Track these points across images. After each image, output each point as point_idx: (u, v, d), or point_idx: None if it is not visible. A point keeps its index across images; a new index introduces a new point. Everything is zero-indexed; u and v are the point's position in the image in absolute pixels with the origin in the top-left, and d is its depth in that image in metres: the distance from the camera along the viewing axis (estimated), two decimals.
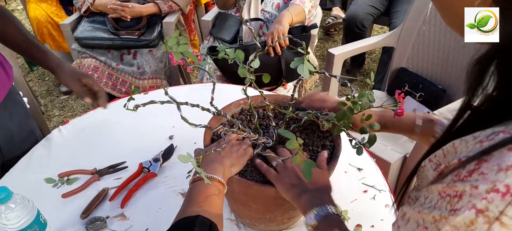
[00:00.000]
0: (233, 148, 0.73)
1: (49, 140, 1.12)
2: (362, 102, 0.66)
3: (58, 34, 2.39)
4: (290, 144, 0.53)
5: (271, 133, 0.79)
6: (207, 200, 0.61)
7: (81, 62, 1.92)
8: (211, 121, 0.83)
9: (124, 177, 0.99)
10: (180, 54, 0.65)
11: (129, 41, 1.93)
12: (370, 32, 2.70)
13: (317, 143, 0.80)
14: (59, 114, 2.53)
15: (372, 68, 2.91)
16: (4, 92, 1.02)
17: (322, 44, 3.31)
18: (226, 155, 0.70)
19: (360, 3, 2.51)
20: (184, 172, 0.99)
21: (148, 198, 0.94)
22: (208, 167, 0.67)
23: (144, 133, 1.15)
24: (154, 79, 2.00)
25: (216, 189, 0.64)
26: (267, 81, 0.74)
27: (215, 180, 0.64)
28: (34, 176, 1.00)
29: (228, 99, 0.92)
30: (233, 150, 0.72)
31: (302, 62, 0.65)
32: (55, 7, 2.43)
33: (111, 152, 1.08)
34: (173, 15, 2.05)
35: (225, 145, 0.70)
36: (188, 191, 0.65)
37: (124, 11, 1.91)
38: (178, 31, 0.70)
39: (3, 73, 1.02)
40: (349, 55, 1.83)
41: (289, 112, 0.76)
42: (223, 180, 0.65)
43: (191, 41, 2.55)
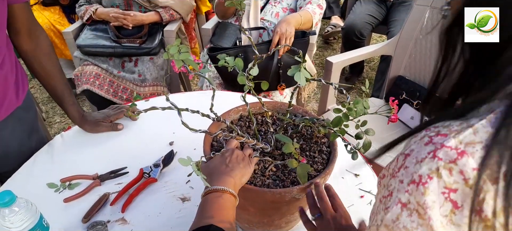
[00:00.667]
0: (238, 158, 0.73)
1: (51, 145, 1.14)
2: (357, 109, 0.68)
3: (61, 42, 2.42)
4: (286, 148, 0.55)
5: (269, 139, 0.81)
6: (220, 211, 0.62)
7: (83, 69, 1.94)
8: (210, 126, 0.85)
9: (125, 182, 1.00)
10: (181, 62, 0.67)
11: (130, 49, 1.96)
12: (368, 41, 2.73)
13: (314, 148, 0.82)
14: (60, 121, 2.55)
15: (371, 76, 2.94)
16: (8, 111, 1.03)
17: (321, 53, 3.34)
18: (234, 166, 0.71)
19: (358, 12, 2.54)
20: (184, 177, 1.01)
21: (149, 203, 0.96)
22: (219, 180, 0.67)
23: (145, 139, 1.17)
24: (155, 86, 2.02)
25: (228, 201, 0.65)
26: (265, 88, 0.77)
27: (227, 193, 0.65)
28: (37, 180, 1.01)
29: (227, 106, 0.94)
30: (239, 160, 0.73)
31: (299, 70, 0.68)
32: (57, 15, 2.47)
33: (112, 158, 1.09)
34: (174, 23, 2.08)
35: (228, 156, 0.70)
36: (200, 204, 0.66)
37: (126, 19, 1.94)
38: (179, 39, 0.73)
39: (14, 96, 1.04)
40: (347, 63, 1.86)
41: (287, 118, 0.78)
42: (235, 193, 0.66)
43: (192, 49, 2.58)
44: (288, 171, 0.77)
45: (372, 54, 1.89)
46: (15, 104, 1.05)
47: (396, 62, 1.83)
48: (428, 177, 0.38)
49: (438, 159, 0.37)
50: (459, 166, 0.36)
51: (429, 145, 0.39)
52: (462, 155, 0.36)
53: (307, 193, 0.71)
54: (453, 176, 0.37)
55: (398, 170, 0.41)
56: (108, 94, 1.92)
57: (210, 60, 1.67)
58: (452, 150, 0.37)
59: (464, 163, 0.36)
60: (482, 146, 0.36)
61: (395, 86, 1.82)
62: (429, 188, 0.37)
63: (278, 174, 0.77)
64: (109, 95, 1.92)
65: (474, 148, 0.37)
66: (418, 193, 0.38)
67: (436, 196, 0.37)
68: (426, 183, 0.37)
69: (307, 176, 0.54)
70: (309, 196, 0.72)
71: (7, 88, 1.01)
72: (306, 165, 0.54)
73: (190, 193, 0.98)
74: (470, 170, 0.36)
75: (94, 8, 1.99)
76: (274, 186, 0.74)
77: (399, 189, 0.40)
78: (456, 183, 0.36)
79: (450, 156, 0.37)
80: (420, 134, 0.42)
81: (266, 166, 0.78)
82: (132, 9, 2.02)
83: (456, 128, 0.39)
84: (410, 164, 0.40)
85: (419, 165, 0.38)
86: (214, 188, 0.65)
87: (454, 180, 0.37)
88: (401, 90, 1.77)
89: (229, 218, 0.62)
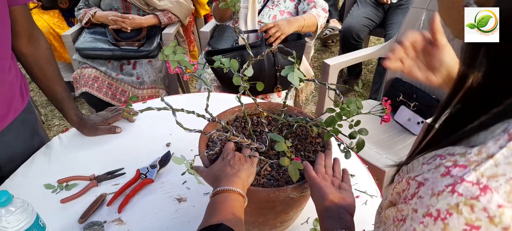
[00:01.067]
0: (241, 159, 0.74)
1: (49, 147, 1.15)
2: (350, 109, 0.68)
3: (60, 45, 2.43)
4: (278, 146, 0.56)
5: (264, 139, 0.82)
6: (229, 211, 0.63)
7: (82, 72, 1.95)
8: (206, 127, 0.85)
9: (122, 183, 1.01)
10: (176, 63, 0.68)
11: (129, 51, 1.97)
12: (366, 44, 2.75)
13: (309, 148, 0.82)
14: (59, 124, 2.56)
15: (369, 79, 2.95)
16: (14, 115, 1.04)
17: (319, 55, 3.35)
18: (240, 168, 0.71)
19: (355, 15, 2.56)
20: (180, 178, 1.02)
21: (145, 203, 0.96)
22: (228, 181, 0.68)
23: (142, 140, 1.18)
24: (153, 88, 2.03)
25: (237, 201, 0.65)
26: (260, 89, 0.77)
27: (236, 193, 0.66)
28: (34, 181, 1.02)
29: (224, 107, 0.94)
30: (242, 161, 0.73)
31: (292, 70, 0.68)
32: (57, 19, 2.48)
33: (109, 159, 1.10)
34: (173, 26, 2.09)
35: (231, 158, 0.71)
36: (208, 205, 0.66)
37: (124, 22, 1.96)
38: (175, 41, 0.74)
39: (19, 98, 1.05)
40: (344, 65, 1.87)
41: (282, 118, 0.79)
42: (243, 193, 0.67)
43: (191, 52, 2.59)
44: (282, 171, 0.78)
45: (369, 56, 1.90)
46: (21, 107, 1.07)
47: None
48: (447, 213, 0.35)
49: (458, 194, 0.35)
50: (482, 203, 0.34)
51: (446, 177, 0.36)
52: (485, 191, 0.34)
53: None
54: (475, 213, 0.34)
55: (411, 198, 0.39)
56: (107, 97, 1.93)
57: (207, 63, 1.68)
58: (473, 185, 0.34)
59: (489, 200, 0.34)
60: (505, 178, 0.34)
61: (392, 89, 1.83)
62: (449, 224, 0.35)
63: (272, 174, 0.77)
64: (108, 98, 1.93)
65: (498, 182, 0.34)
66: (436, 228, 0.36)
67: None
68: (445, 219, 0.35)
69: (298, 173, 0.55)
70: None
71: (14, 93, 1.03)
72: (297, 163, 0.55)
73: (186, 194, 0.98)
74: (495, 207, 0.33)
75: (93, 11, 2.01)
76: (268, 186, 0.74)
77: (413, 218, 0.38)
78: (478, 220, 0.34)
79: (472, 192, 0.34)
80: (433, 160, 0.40)
81: (261, 165, 0.79)
82: (131, 12, 2.03)
83: (475, 157, 0.36)
84: (425, 194, 0.37)
85: (436, 198, 0.36)
86: (224, 188, 0.66)
87: (477, 217, 0.34)
88: (398, 92, 1.78)
89: (239, 218, 0.63)
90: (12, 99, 1.02)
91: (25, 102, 1.08)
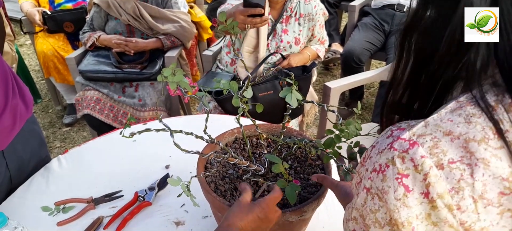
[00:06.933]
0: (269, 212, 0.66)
1: (47, 169, 1.14)
2: (349, 130, 0.68)
3: (64, 68, 2.46)
4: (275, 167, 0.55)
5: (263, 161, 0.81)
6: None
7: (84, 94, 1.97)
8: (204, 148, 0.85)
9: (119, 206, 1.00)
10: (175, 84, 0.68)
11: (131, 74, 1.99)
12: (368, 67, 2.76)
13: (308, 171, 0.81)
14: (61, 146, 2.56)
15: (371, 102, 2.95)
16: (21, 124, 1.05)
17: (321, 79, 3.37)
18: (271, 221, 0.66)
19: (356, 39, 2.58)
20: (178, 201, 1.01)
21: (142, 227, 0.95)
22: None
23: (141, 162, 1.17)
24: (155, 111, 2.04)
25: None
26: (260, 111, 0.77)
27: None
28: (32, 203, 1.01)
29: (224, 129, 0.94)
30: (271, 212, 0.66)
31: (290, 92, 0.68)
32: (62, 42, 2.52)
33: (108, 181, 1.09)
34: (175, 49, 2.12)
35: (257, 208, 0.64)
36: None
37: (128, 46, 1.98)
38: (175, 63, 0.74)
39: (23, 106, 1.06)
40: (345, 88, 1.87)
41: (281, 140, 0.78)
42: None
43: (193, 75, 2.61)
44: None
45: (370, 79, 1.91)
46: (26, 115, 1.08)
47: None
48: (386, 166, 0.42)
49: (394, 149, 0.42)
50: (410, 155, 0.41)
51: (389, 137, 0.44)
52: (413, 146, 0.41)
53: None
54: (405, 164, 0.41)
55: (364, 160, 0.46)
56: (108, 119, 1.93)
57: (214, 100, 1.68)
58: (406, 141, 0.42)
59: (414, 152, 0.41)
60: (431, 137, 0.41)
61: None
62: (387, 175, 0.42)
63: None
64: (109, 120, 1.94)
65: (424, 139, 0.41)
66: (378, 180, 0.43)
67: (392, 182, 0.42)
68: (384, 171, 0.42)
69: (295, 196, 0.54)
70: None
71: (17, 100, 1.04)
72: (295, 185, 0.54)
73: (184, 217, 0.97)
74: (419, 157, 0.40)
75: (97, 35, 2.04)
76: None
77: (364, 176, 0.45)
78: (407, 169, 0.41)
79: (404, 147, 0.42)
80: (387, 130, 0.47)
81: (258, 187, 0.78)
82: (134, 36, 2.07)
83: (414, 122, 0.44)
84: (373, 154, 0.45)
85: (380, 155, 0.43)
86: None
87: (406, 167, 0.41)
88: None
89: None
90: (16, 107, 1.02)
91: (30, 111, 1.09)
